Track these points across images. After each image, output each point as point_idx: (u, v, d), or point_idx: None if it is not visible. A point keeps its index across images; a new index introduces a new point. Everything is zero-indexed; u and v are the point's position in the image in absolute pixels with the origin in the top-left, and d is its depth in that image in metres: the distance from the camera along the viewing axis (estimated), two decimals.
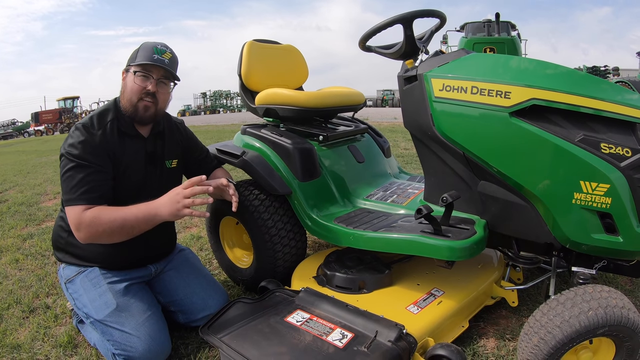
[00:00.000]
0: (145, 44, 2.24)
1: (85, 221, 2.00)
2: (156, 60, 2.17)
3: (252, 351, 1.89)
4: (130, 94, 2.20)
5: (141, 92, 2.18)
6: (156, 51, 2.19)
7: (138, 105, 2.19)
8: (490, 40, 14.71)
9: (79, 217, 2.01)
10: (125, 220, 2.02)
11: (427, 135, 2.20)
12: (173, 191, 2.08)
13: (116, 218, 2.02)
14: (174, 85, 2.33)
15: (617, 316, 1.65)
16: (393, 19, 2.28)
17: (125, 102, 2.22)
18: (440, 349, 1.90)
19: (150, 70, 2.19)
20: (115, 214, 2.02)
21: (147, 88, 2.18)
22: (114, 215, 2.02)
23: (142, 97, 2.19)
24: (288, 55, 3.51)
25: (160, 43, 2.24)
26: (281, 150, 2.70)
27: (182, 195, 2.04)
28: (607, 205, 1.77)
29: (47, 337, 2.45)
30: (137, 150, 2.27)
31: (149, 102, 2.20)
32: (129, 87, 2.20)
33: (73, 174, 2.05)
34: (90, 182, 2.05)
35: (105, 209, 2.04)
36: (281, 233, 2.63)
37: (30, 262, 3.62)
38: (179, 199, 2.04)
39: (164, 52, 2.21)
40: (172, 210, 2.04)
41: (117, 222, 2.01)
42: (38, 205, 5.83)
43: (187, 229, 4.40)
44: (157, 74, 2.20)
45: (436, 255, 2.09)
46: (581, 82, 1.85)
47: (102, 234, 2.03)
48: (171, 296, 2.41)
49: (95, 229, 2.01)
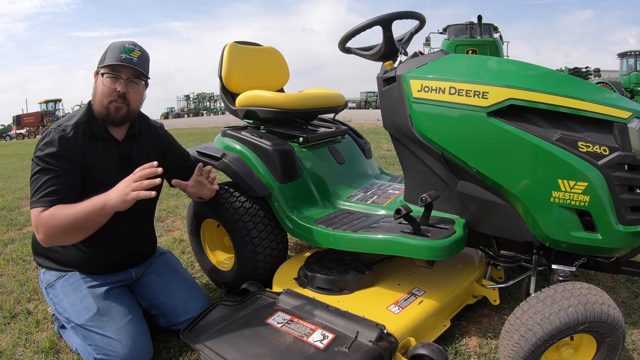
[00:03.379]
0: (113, 44, 2.20)
1: (42, 221, 1.97)
2: (124, 60, 2.13)
3: (233, 353, 1.88)
4: (100, 96, 2.17)
5: (111, 93, 2.15)
6: (124, 50, 2.15)
7: (109, 107, 2.16)
8: (472, 42, 14.84)
9: (37, 219, 1.98)
10: (77, 215, 1.98)
11: (406, 136, 2.21)
12: (124, 180, 2.03)
13: (69, 214, 1.97)
14: (145, 84, 2.29)
15: (597, 312, 1.66)
16: (372, 20, 2.28)
17: (96, 105, 2.19)
18: (421, 348, 1.90)
19: (118, 71, 2.15)
20: (68, 210, 1.98)
21: (116, 89, 2.15)
22: (67, 212, 1.98)
23: (113, 98, 2.15)
24: (269, 57, 3.51)
25: (128, 42, 2.20)
26: (261, 152, 2.70)
27: (131, 179, 1.99)
28: (586, 203, 1.79)
29: (28, 343, 2.42)
30: (110, 154, 2.25)
31: (120, 103, 2.17)
32: (99, 89, 2.17)
33: (38, 177, 2.04)
34: (52, 186, 2.02)
35: (60, 207, 2.00)
36: (262, 235, 2.62)
37: (12, 268, 3.58)
38: (127, 183, 1.99)
39: (132, 50, 2.17)
40: (120, 196, 1.98)
41: (70, 218, 1.97)
42: (19, 209, 5.77)
43: (169, 232, 4.38)
44: (126, 74, 2.16)
45: (416, 255, 2.10)
46: (559, 82, 1.87)
47: (58, 232, 1.99)
48: (152, 300, 2.39)
49: (51, 228, 1.97)
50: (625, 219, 1.79)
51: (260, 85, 3.22)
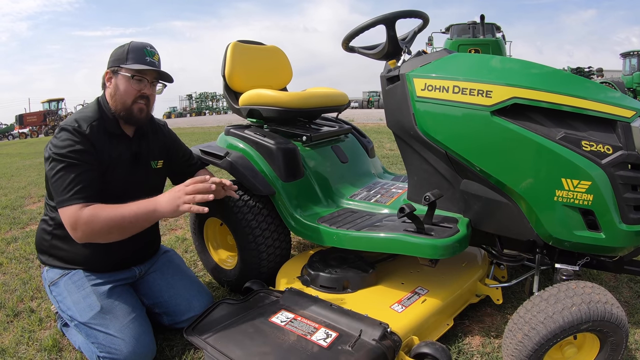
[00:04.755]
0: (134, 45, 2.21)
1: (83, 219, 1.96)
2: (149, 64, 2.18)
3: (236, 352, 1.88)
4: (124, 96, 2.19)
5: (136, 95, 2.19)
6: (147, 53, 2.19)
7: (132, 107, 2.20)
8: (475, 42, 14.83)
9: (76, 216, 1.96)
10: (123, 217, 1.99)
11: (409, 135, 2.21)
12: (174, 188, 2.08)
13: (115, 215, 1.98)
14: (164, 86, 2.35)
15: (600, 312, 1.66)
16: (376, 19, 2.28)
17: (117, 104, 2.21)
18: (425, 347, 1.90)
19: (145, 74, 2.20)
20: (114, 211, 1.99)
21: (142, 91, 2.20)
22: (112, 213, 1.99)
23: (136, 100, 2.20)
24: (272, 56, 3.51)
25: (147, 44, 2.24)
26: (264, 150, 2.70)
27: (183, 191, 2.03)
28: (589, 202, 1.78)
29: (31, 341, 2.42)
30: (122, 150, 2.26)
31: (143, 105, 2.22)
32: (123, 89, 2.19)
33: (64, 175, 2.01)
34: (83, 181, 2.02)
35: (103, 207, 2.01)
36: (265, 234, 2.63)
37: (15, 266, 3.58)
38: (180, 194, 2.02)
39: (154, 54, 2.23)
40: (172, 205, 2.02)
41: (116, 220, 1.98)
42: (22, 208, 5.77)
43: (172, 231, 4.38)
44: (150, 77, 2.22)
45: (419, 253, 2.10)
46: (563, 81, 1.87)
47: (99, 231, 1.99)
48: (155, 298, 2.39)
49: (92, 227, 1.97)
50: (629, 218, 1.78)
51: (264, 84, 3.22)
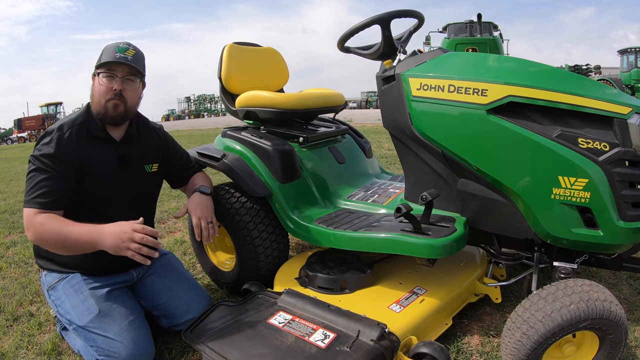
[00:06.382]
0: (108, 46, 2.23)
1: (33, 225, 2.02)
2: (119, 58, 2.16)
3: (234, 354, 1.88)
4: (98, 96, 2.19)
5: (108, 92, 2.17)
6: (118, 50, 2.18)
7: (107, 105, 2.18)
8: (472, 41, 14.81)
9: (30, 220, 2.02)
10: (66, 239, 2.01)
11: (405, 135, 2.21)
12: (124, 226, 2.00)
13: (60, 232, 2.00)
14: (142, 83, 2.32)
15: (599, 309, 1.66)
16: (371, 19, 2.28)
17: (95, 105, 2.22)
18: (423, 347, 1.90)
19: (114, 69, 2.18)
20: (60, 228, 2.01)
21: (113, 88, 2.17)
22: (58, 229, 2.01)
23: (110, 97, 2.18)
24: (268, 57, 3.51)
25: (122, 42, 2.24)
26: (261, 152, 2.70)
27: (131, 237, 1.96)
28: (586, 199, 1.78)
29: (31, 345, 2.42)
30: (107, 154, 2.26)
31: (117, 101, 2.19)
32: (97, 89, 2.20)
33: (32, 177, 2.08)
34: (45, 187, 2.05)
35: (54, 219, 2.03)
36: (263, 235, 2.62)
37: (14, 270, 3.58)
38: (126, 238, 1.95)
39: (126, 49, 2.20)
40: (115, 245, 1.96)
41: (60, 237, 2.01)
42: (21, 213, 5.73)
43: (171, 234, 4.37)
44: (121, 72, 2.19)
45: (416, 253, 2.10)
46: (558, 79, 1.86)
47: (47, 241, 2.04)
48: (154, 300, 2.39)
49: (41, 235, 2.02)
50: (626, 215, 1.78)
51: (260, 85, 3.23)
